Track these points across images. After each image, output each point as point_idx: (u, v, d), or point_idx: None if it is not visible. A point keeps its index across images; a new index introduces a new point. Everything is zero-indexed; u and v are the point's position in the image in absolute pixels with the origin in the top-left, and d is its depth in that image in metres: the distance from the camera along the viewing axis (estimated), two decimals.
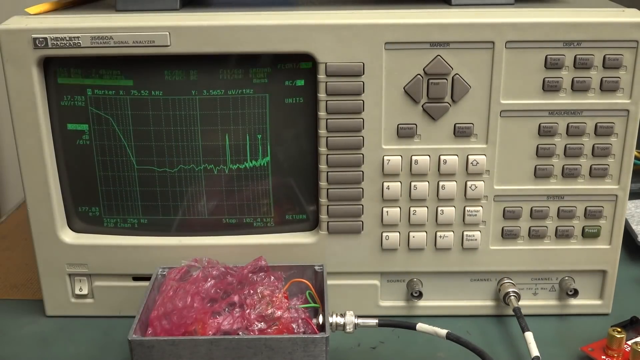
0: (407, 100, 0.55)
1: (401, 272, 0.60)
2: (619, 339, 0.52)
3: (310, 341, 0.46)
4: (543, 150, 0.56)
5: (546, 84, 0.54)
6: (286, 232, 0.60)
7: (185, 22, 0.53)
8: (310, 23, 0.53)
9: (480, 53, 0.53)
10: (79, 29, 0.53)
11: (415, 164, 0.56)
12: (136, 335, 0.47)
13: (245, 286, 0.52)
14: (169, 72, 0.55)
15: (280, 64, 0.55)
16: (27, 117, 0.55)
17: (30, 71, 0.54)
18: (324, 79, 0.54)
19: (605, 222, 0.58)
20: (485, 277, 0.61)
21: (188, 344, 0.46)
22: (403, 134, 0.55)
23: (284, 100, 0.56)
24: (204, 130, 0.56)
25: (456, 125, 0.55)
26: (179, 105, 0.56)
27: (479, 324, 0.60)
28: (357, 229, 0.58)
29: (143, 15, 0.55)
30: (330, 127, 0.55)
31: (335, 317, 0.51)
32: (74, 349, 0.58)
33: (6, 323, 0.61)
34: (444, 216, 0.57)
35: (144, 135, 0.57)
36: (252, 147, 0.57)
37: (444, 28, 0.53)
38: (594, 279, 0.60)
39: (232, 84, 0.55)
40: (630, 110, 0.55)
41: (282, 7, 0.58)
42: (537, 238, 0.58)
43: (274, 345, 0.46)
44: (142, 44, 0.53)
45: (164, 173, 0.58)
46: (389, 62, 0.54)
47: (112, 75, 0.55)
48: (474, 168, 0.56)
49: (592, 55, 0.53)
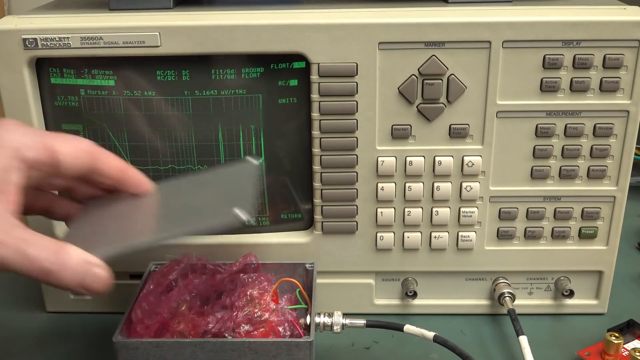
0: (401, 101, 0.54)
1: (396, 271, 0.60)
2: (616, 344, 0.52)
3: (294, 345, 0.46)
4: (540, 152, 0.55)
5: (544, 84, 0.53)
6: (281, 231, 0.60)
7: (176, 22, 0.52)
8: (303, 23, 0.52)
9: (476, 53, 0.52)
10: (69, 30, 0.52)
11: (410, 165, 0.55)
12: (122, 335, 0.48)
13: (235, 286, 0.52)
14: (161, 73, 0.55)
15: (274, 64, 0.54)
16: (21, 118, 0.55)
17: (22, 72, 0.54)
18: (317, 79, 0.53)
19: (603, 223, 0.57)
20: (480, 277, 0.60)
21: (172, 346, 0.46)
22: (397, 135, 0.55)
23: (277, 101, 0.56)
24: (197, 130, 0.56)
25: (451, 126, 0.54)
26: (171, 105, 0.55)
27: (474, 323, 0.60)
28: (351, 229, 0.58)
29: (134, 15, 0.54)
30: (324, 128, 0.55)
31: (323, 318, 0.51)
32: (73, 345, 0.59)
33: (6, 318, 0.62)
34: (438, 217, 0.57)
35: (137, 135, 0.56)
36: (246, 147, 0.57)
37: (439, 27, 0.51)
38: (589, 279, 0.60)
39: (225, 84, 0.55)
40: (630, 111, 0.54)
41: (275, 6, 0.56)
42: (533, 239, 0.58)
43: (257, 348, 0.46)
44: (132, 45, 0.52)
45: (158, 173, 0.58)
46: (383, 63, 0.53)
47: (104, 76, 0.55)
48: (469, 169, 0.55)
49: (592, 55, 0.52)
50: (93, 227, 0.48)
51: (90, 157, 0.46)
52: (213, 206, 0.47)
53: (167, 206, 0.49)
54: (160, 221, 0.47)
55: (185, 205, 0.48)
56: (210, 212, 0.46)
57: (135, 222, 0.48)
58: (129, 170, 0.49)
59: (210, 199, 0.48)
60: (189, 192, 0.51)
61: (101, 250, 0.44)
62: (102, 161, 0.47)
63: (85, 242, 0.45)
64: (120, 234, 0.46)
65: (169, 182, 0.53)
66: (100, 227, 0.48)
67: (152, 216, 0.48)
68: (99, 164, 0.47)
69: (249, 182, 0.49)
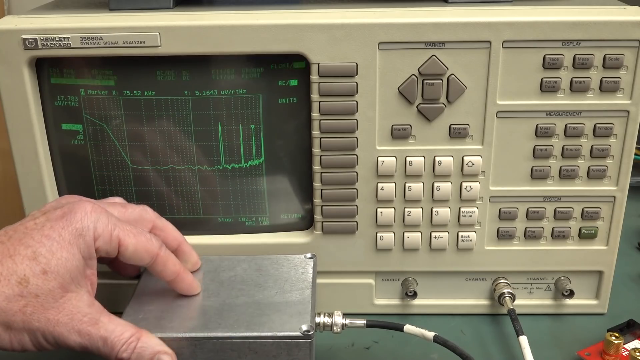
0: (401, 101, 0.54)
1: (396, 271, 0.60)
2: (617, 344, 0.52)
3: (294, 345, 0.46)
4: (540, 152, 0.55)
5: (544, 84, 0.53)
6: (281, 231, 0.60)
7: (176, 22, 0.52)
8: (303, 23, 0.52)
9: (476, 53, 0.52)
10: (69, 29, 0.52)
11: (410, 165, 0.55)
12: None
13: None
14: (160, 73, 0.55)
15: (274, 64, 0.54)
16: (21, 118, 0.55)
17: (22, 72, 0.54)
18: (317, 79, 0.53)
19: (603, 223, 0.57)
20: (480, 277, 0.60)
21: (172, 345, 0.46)
22: (397, 135, 0.55)
23: (277, 101, 0.56)
24: (197, 130, 0.56)
25: (451, 126, 0.54)
26: (171, 105, 0.55)
27: (474, 323, 0.60)
28: (351, 229, 0.58)
29: (134, 15, 0.54)
30: (324, 128, 0.55)
31: (323, 318, 0.51)
32: None
33: None
34: (438, 217, 0.57)
35: (137, 135, 0.56)
36: (246, 147, 0.57)
37: (439, 27, 0.51)
38: (590, 278, 0.60)
39: (225, 84, 0.55)
40: (630, 111, 0.53)
41: (275, 6, 0.56)
42: (533, 239, 0.58)
43: (257, 348, 0.46)
44: (132, 45, 0.52)
45: (158, 173, 0.58)
46: (383, 63, 0.53)
47: (104, 76, 0.55)
48: (469, 169, 0.55)
49: (592, 55, 0.52)
50: (157, 306, 0.50)
51: (150, 258, 0.48)
52: (276, 313, 0.48)
53: (225, 297, 0.50)
54: (219, 315, 0.49)
55: (247, 303, 0.50)
56: (274, 321, 0.47)
57: (196, 309, 0.49)
58: (185, 276, 0.50)
59: (270, 301, 0.50)
60: (247, 283, 0.52)
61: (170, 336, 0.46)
62: (159, 265, 0.48)
63: (154, 324, 0.48)
64: (184, 322, 0.48)
65: (223, 260, 0.55)
66: (163, 307, 0.50)
67: (211, 307, 0.49)
68: (155, 266, 0.48)
69: (306, 285, 0.51)
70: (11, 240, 0.44)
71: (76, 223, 0.45)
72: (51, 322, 0.43)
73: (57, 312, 0.43)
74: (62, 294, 0.43)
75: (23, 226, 0.45)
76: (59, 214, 0.45)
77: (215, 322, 0.48)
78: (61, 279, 0.43)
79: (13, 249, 0.43)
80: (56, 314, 0.43)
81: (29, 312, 0.43)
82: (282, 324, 0.47)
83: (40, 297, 0.43)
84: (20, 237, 0.44)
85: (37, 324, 0.43)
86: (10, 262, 0.43)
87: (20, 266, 0.43)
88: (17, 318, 0.42)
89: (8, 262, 0.43)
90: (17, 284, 0.42)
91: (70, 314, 0.44)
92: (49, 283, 0.43)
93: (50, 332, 0.43)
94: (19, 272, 0.42)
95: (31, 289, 0.42)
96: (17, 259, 0.43)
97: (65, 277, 0.44)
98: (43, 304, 0.43)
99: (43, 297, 0.43)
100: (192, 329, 0.47)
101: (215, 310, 0.49)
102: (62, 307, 0.43)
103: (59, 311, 0.43)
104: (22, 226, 0.45)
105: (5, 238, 0.44)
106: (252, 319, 0.48)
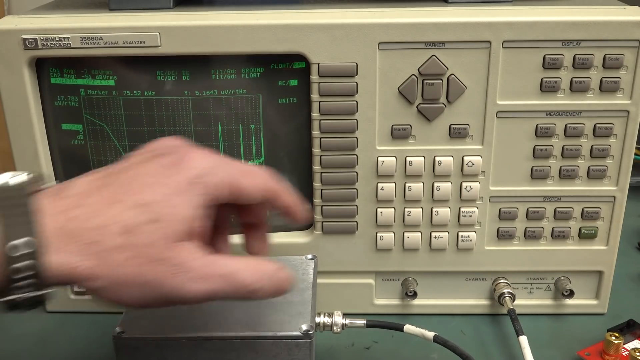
0: (401, 101, 0.54)
1: (396, 271, 0.60)
2: (617, 344, 0.52)
3: (294, 345, 0.46)
4: (540, 152, 0.55)
5: (544, 84, 0.53)
6: (281, 231, 0.60)
7: (176, 22, 0.52)
8: (303, 23, 0.52)
9: (476, 53, 0.52)
10: (69, 30, 0.52)
11: (410, 165, 0.55)
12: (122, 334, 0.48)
13: None
14: (160, 73, 0.55)
15: (274, 64, 0.54)
16: (21, 118, 0.55)
17: (22, 72, 0.54)
18: (317, 79, 0.53)
19: (603, 223, 0.57)
20: (480, 277, 0.60)
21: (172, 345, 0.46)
22: (397, 135, 0.55)
23: (277, 101, 0.56)
24: (197, 130, 0.56)
25: (451, 126, 0.54)
26: (171, 105, 0.55)
27: (474, 323, 0.60)
28: (351, 229, 0.58)
29: (134, 15, 0.54)
30: (324, 128, 0.55)
31: (323, 318, 0.51)
32: (73, 345, 0.59)
33: (6, 319, 0.62)
34: (438, 217, 0.57)
35: (137, 135, 0.56)
36: (246, 147, 0.57)
37: (439, 27, 0.51)
38: (590, 278, 0.60)
39: (225, 84, 0.55)
40: (630, 111, 0.54)
41: (275, 6, 0.56)
42: (533, 239, 0.58)
43: (257, 348, 0.46)
44: (132, 45, 0.52)
45: None
46: (383, 63, 0.53)
47: (104, 76, 0.55)
48: (469, 169, 0.55)
49: (592, 55, 0.52)
50: None
51: (265, 192, 0.45)
52: (276, 313, 0.48)
53: None
54: (219, 315, 0.48)
55: (247, 303, 0.48)
56: (275, 321, 0.47)
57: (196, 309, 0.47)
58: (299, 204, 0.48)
59: (271, 302, 0.48)
60: None
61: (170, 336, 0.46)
62: (277, 197, 0.46)
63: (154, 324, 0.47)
64: (184, 322, 0.48)
65: None
66: None
67: (211, 307, 0.48)
68: (273, 201, 0.46)
69: (306, 285, 0.51)
70: (116, 184, 0.40)
71: (193, 170, 0.41)
72: (166, 273, 0.39)
73: (173, 260, 0.39)
74: (175, 243, 0.39)
75: (132, 170, 0.41)
76: (173, 160, 0.41)
77: (215, 322, 0.48)
78: (174, 227, 0.39)
79: (122, 193, 0.39)
80: (171, 264, 0.39)
81: (137, 264, 0.38)
82: (282, 324, 0.47)
83: (150, 246, 0.38)
84: (128, 181, 0.40)
85: (149, 276, 0.39)
86: (119, 207, 0.38)
87: (128, 213, 0.38)
88: (126, 270, 0.38)
89: (115, 209, 0.38)
90: (122, 233, 0.38)
91: (189, 261, 0.39)
92: (158, 232, 0.39)
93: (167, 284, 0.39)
94: (126, 220, 0.38)
95: (140, 238, 0.38)
96: (125, 204, 0.39)
97: (177, 226, 0.39)
98: (153, 254, 0.38)
99: (155, 247, 0.38)
100: (192, 329, 0.47)
101: (215, 310, 0.49)
102: (177, 257, 0.39)
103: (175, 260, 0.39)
104: (131, 171, 0.41)
105: (110, 180, 0.40)
106: (252, 319, 0.48)
